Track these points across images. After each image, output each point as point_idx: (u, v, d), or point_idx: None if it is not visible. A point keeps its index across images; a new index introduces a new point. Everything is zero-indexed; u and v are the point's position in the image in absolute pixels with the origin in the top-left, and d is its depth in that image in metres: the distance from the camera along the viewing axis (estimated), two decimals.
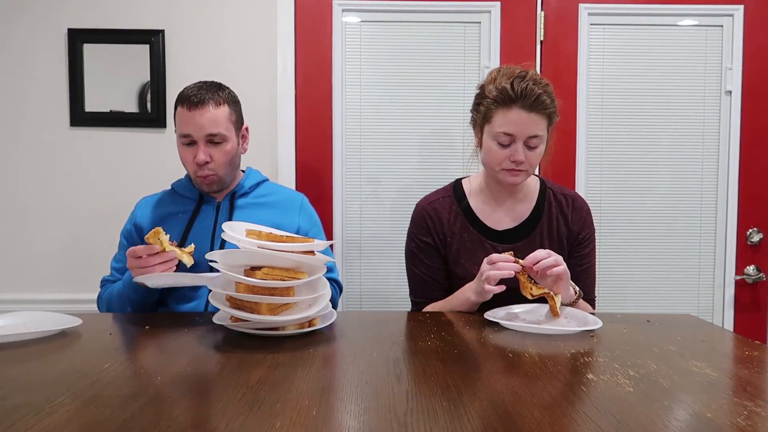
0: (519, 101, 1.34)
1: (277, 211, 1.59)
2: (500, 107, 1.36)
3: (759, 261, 2.18)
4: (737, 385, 0.89)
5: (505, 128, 1.36)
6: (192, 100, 1.48)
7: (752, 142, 2.15)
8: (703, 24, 2.14)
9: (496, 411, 0.77)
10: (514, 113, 1.35)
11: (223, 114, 1.50)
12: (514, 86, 1.34)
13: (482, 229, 1.49)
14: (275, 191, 1.66)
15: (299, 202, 1.65)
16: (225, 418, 0.74)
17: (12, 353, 1.02)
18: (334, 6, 2.13)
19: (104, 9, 2.09)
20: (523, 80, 1.34)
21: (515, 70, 1.38)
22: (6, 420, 0.73)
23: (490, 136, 1.40)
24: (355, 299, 2.18)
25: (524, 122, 1.35)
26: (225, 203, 1.58)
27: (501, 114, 1.36)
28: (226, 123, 1.51)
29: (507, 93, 1.34)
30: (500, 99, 1.36)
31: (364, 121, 2.16)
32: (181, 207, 1.58)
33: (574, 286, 1.37)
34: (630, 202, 2.18)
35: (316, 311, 1.15)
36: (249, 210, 1.57)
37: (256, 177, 1.65)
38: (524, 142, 1.37)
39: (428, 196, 1.57)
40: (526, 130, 1.35)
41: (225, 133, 1.51)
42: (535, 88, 1.33)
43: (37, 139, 2.11)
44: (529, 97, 1.33)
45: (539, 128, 1.36)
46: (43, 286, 2.11)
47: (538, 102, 1.34)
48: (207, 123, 1.48)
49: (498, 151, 1.39)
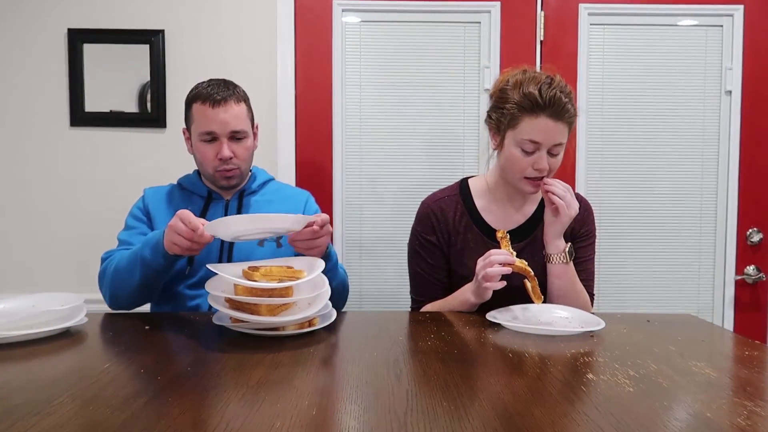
0: (548, 109, 1.32)
1: (284, 206, 1.61)
2: (527, 114, 1.34)
3: (759, 261, 2.18)
4: (737, 385, 0.89)
5: (532, 136, 1.34)
6: (215, 98, 1.49)
7: (752, 142, 2.15)
8: (703, 24, 2.14)
9: (496, 411, 0.77)
10: (541, 121, 1.33)
11: (243, 111, 1.53)
12: (542, 93, 1.32)
13: (486, 230, 1.48)
14: (282, 189, 1.69)
15: (305, 197, 1.68)
16: (225, 418, 0.74)
17: (12, 353, 1.02)
18: (334, 6, 2.13)
19: (104, 9, 2.09)
20: (550, 87, 1.32)
21: (542, 75, 1.36)
22: (6, 420, 0.73)
23: (513, 142, 1.38)
24: (355, 299, 2.18)
25: (551, 130, 1.33)
26: (234, 202, 1.58)
27: (528, 121, 1.34)
28: (246, 120, 1.54)
29: (536, 100, 1.32)
30: (528, 105, 1.33)
31: (364, 121, 2.16)
32: (189, 204, 1.57)
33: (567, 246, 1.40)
34: (630, 202, 2.18)
35: (316, 311, 1.15)
36: (256, 208, 1.59)
37: (263, 176, 1.67)
38: (548, 150, 1.36)
39: (435, 194, 1.57)
40: (552, 139, 1.34)
41: (246, 129, 1.54)
42: (561, 96, 1.32)
43: (37, 139, 2.11)
44: (557, 105, 1.32)
45: (563, 136, 1.36)
46: (44, 286, 2.11)
47: (564, 110, 1.33)
48: (231, 120, 1.50)
49: (521, 158, 1.37)
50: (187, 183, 1.61)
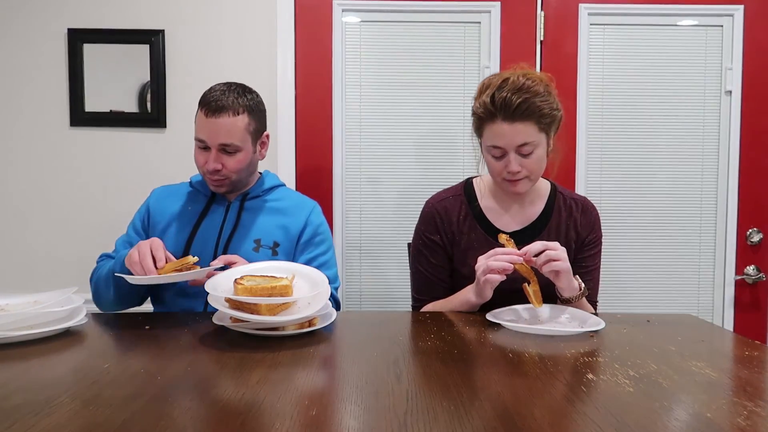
0: (500, 114, 1.33)
1: (285, 217, 1.57)
2: (486, 121, 1.37)
3: (759, 261, 2.18)
4: (737, 385, 0.89)
5: (493, 141, 1.36)
6: (210, 106, 1.45)
7: (752, 142, 2.15)
8: (703, 24, 2.14)
9: (496, 411, 0.77)
10: (497, 126, 1.34)
11: (240, 123, 1.47)
12: (494, 99, 1.33)
13: (490, 230, 1.48)
14: (288, 197, 1.63)
15: (310, 207, 1.61)
16: (225, 418, 0.74)
17: (12, 353, 1.02)
18: (334, 6, 2.13)
19: (104, 9, 2.09)
20: (502, 90, 1.32)
21: (499, 79, 1.35)
22: (6, 420, 0.73)
23: (484, 149, 1.41)
24: (355, 299, 2.18)
25: (507, 134, 1.34)
26: (235, 204, 1.57)
27: (488, 128, 1.37)
28: (241, 133, 1.48)
29: (487, 107, 1.34)
30: (484, 114, 1.36)
31: (364, 121, 2.16)
32: (192, 204, 1.58)
33: (580, 282, 1.36)
34: (630, 202, 2.18)
35: (316, 310, 1.15)
36: (257, 213, 1.56)
37: (271, 181, 1.63)
38: (516, 151, 1.35)
39: (439, 193, 1.57)
40: (512, 141, 1.34)
41: (239, 144, 1.48)
42: (513, 97, 1.30)
43: (37, 139, 2.11)
44: (507, 107, 1.31)
45: (527, 135, 1.34)
46: (44, 286, 2.10)
47: (519, 111, 1.31)
48: (221, 132, 1.46)
49: (494, 164, 1.40)
50: (196, 182, 1.62)
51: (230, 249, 1.50)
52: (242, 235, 1.52)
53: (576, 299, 1.34)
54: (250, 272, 1.23)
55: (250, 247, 1.51)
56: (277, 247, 1.53)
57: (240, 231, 1.52)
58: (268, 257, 1.49)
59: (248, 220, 1.54)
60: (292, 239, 1.55)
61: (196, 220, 1.55)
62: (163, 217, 1.56)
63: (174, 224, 1.54)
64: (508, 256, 1.26)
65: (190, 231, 1.53)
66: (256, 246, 1.51)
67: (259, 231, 1.53)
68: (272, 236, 1.53)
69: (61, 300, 1.20)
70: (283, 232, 1.54)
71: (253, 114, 1.51)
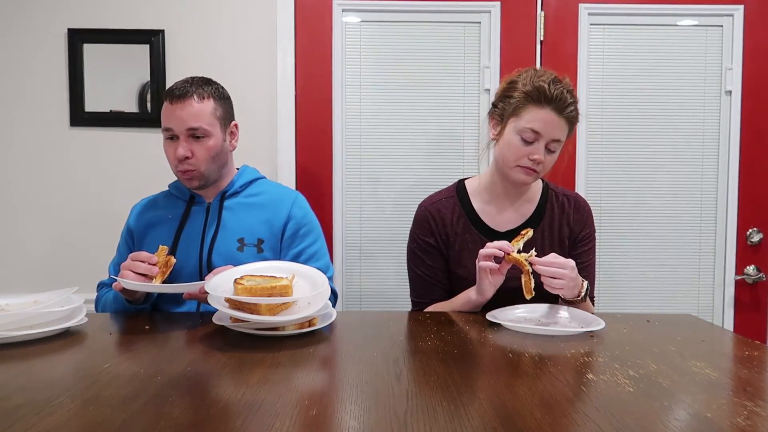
0: (553, 103, 1.37)
1: (267, 211, 1.54)
2: (533, 104, 1.38)
3: (759, 261, 2.18)
4: (737, 385, 0.89)
5: (534, 125, 1.37)
6: (174, 93, 1.45)
7: (752, 142, 2.15)
8: (703, 24, 2.14)
9: (496, 411, 0.77)
10: (545, 112, 1.37)
11: (207, 108, 1.47)
12: (550, 87, 1.36)
13: (485, 230, 1.49)
14: (268, 189, 1.60)
15: (292, 199, 1.58)
16: (225, 418, 0.74)
17: (12, 353, 1.02)
18: (334, 6, 2.13)
19: (104, 9, 2.09)
20: (558, 85, 1.38)
21: (552, 74, 1.41)
22: (6, 420, 0.73)
23: (515, 129, 1.40)
24: (355, 299, 2.18)
25: (554, 123, 1.37)
26: (215, 204, 1.55)
27: (532, 110, 1.38)
28: (209, 118, 1.47)
29: (543, 91, 1.36)
30: (535, 96, 1.38)
31: (364, 121, 2.16)
32: (171, 210, 1.56)
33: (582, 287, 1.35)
34: (630, 202, 2.18)
35: (316, 310, 1.15)
36: (237, 211, 1.54)
37: (249, 175, 1.60)
38: (546, 145, 1.39)
39: (431, 196, 1.57)
40: (552, 132, 1.38)
41: (207, 128, 1.46)
42: (568, 96, 1.38)
43: (37, 139, 2.11)
44: (563, 101, 1.37)
45: (563, 133, 1.40)
46: (44, 286, 2.10)
47: (568, 108, 1.38)
48: (188, 117, 1.44)
49: (519, 147, 1.40)
50: (173, 187, 1.60)
51: (214, 251, 1.49)
52: (225, 236, 1.50)
53: (580, 300, 1.35)
54: (250, 272, 1.23)
55: (234, 247, 1.49)
56: (261, 244, 1.50)
57: (222, 232, 1.50)
58: (254, 255, 1.48)
59: (229, 219, 1.52)
60: (277, 234, 1.53)
61: (178, 225, 1.53)
62: (146, 230, 1.55)
63: (157, 235, 1.53)
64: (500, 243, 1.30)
65: (173, 240, 1.51)
66: (240, 245, 1.49)
67: (241, 230, 1.51)
68: (256, 233, 1.51)
69: (61, 300, 1.20)
70: (267, 227, 1.52)
71: (218, 101, 1.51)
